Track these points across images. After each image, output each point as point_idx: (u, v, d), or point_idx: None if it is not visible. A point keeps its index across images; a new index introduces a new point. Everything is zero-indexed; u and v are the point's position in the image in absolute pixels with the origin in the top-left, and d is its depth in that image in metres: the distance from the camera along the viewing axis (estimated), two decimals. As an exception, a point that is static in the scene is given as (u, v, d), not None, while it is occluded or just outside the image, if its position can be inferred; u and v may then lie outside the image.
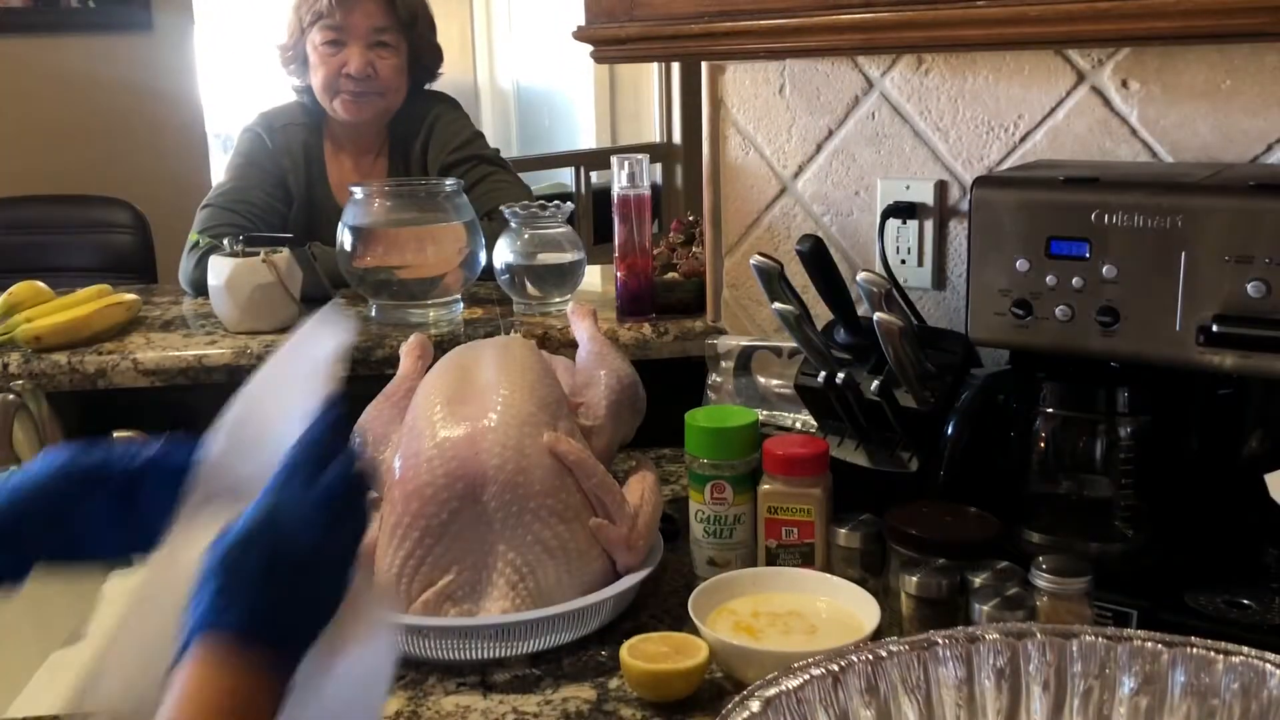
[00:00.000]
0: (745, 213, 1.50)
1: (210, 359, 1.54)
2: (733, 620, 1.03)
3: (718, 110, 1.49)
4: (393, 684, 1.01)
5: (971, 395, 1.12)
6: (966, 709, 0.78)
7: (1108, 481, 1.07)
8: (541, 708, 0.97)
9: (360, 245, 1.65)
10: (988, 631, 0.80)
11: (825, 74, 1.38)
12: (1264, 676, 0.74)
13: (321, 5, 1.99)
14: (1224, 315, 0.93)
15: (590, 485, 1.08)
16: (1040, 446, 1.10)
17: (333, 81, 2.01)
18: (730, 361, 1.43)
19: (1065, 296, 1.00)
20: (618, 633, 1.05)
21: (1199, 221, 0.93)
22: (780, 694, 0.75)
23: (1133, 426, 1.06)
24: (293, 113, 2.10)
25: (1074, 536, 1.08)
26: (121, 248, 2.63)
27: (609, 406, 1.20)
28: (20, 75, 3.25)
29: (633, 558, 1.09)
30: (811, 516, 1.11)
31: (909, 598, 0.98)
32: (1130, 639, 0.78)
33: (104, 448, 0.76)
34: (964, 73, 1.27)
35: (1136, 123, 1.17)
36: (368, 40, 2.00)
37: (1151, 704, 0.76)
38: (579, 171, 4.48)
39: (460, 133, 2.10)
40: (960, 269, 1.30)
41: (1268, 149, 1.10)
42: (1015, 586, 0.95)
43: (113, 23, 3.38)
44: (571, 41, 1.32)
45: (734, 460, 1.14)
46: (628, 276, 1.57)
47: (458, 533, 1.04)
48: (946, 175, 1.31)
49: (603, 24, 1.28)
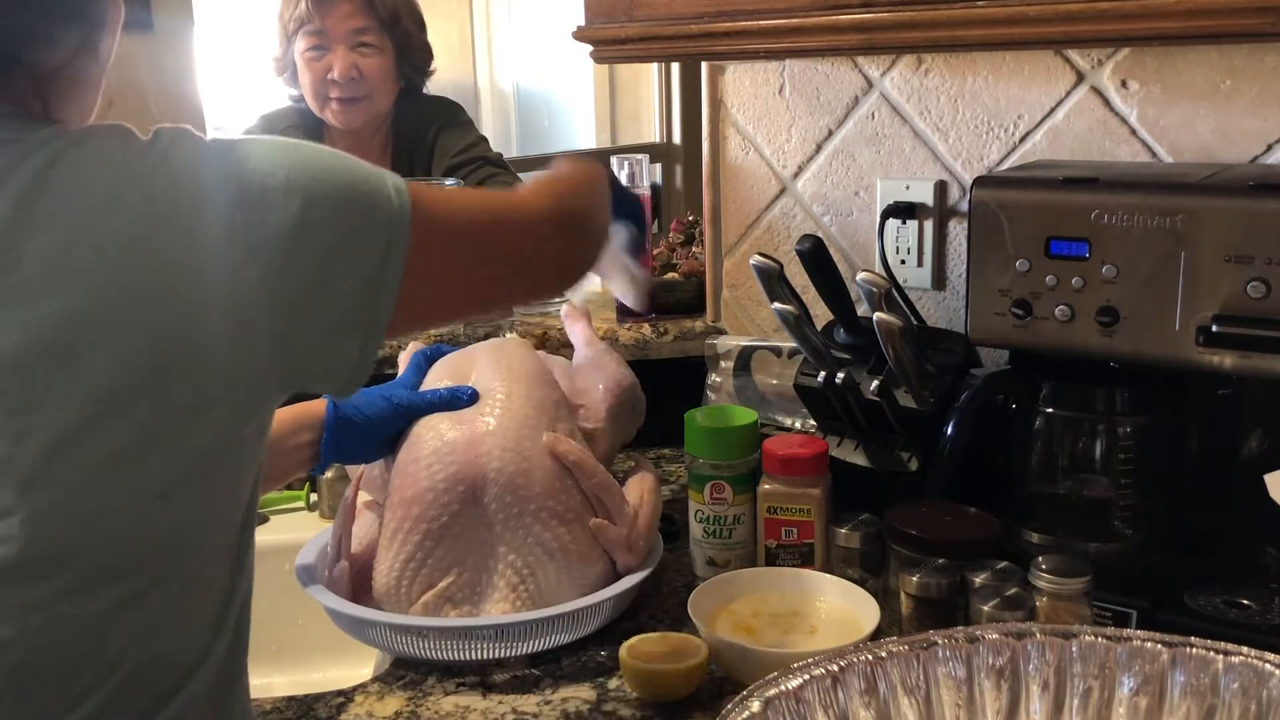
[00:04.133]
0: (745, 213, 1.50)
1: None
2: (732, 620, 1.03)
3: (718, 110, 1.49)
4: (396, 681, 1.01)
5: (971, 395, 1.12)
6: (966, 709, 0.78)
7: (1107, 481, 1.07)
8: (541, 708, 0.97)
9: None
10: (987, 631, 0.80)
11: (825, 74, 1.38)
12: (1264, 676, 0.74)
13: (301, 11, 1.99)
14: (1223, 315, 0.93)
15: (590, 485, 1.08)
16: (1040, 446, 1.10)
17: (320, 88, 2.00)
18: (730, 361, 1.43)
19: (1065, 296, 1.00)
20: (617, 633, 1.05)
21: (1199, 221, 0.93)
22: (780, 694, 0.75)
23: (1132, 426, 1.06)
24: (292, 116, 2.10)
25: (1073, 536, 1.08)
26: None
27: (609, 410, 1.20)
28: (20, 75, 3.24)
29: (633, 558, 1.09)
30: (811, 516, 1.11)
31: (908, 598, 0.98)
32: (1130, 639, 0.78)
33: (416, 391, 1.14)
34: (964, 73, 1.27)
35: (1136, 123, 1.17)
36: (350, 43, 1.99)
37: (1151, 704, 0.76)
38: (579, 172, 4.47)
39: (464, 137, 2.10)
40: (960, 269, 1.30)
41: (1267, 149, 1.10)
42: (1015, 586, 0.95)
43: (112, 23, 3.37)
44: (571, 42, 1.32)
45: (734, 460, 1.14)
46: (628, 276, 1.57)
47: (458, 535, 1.04)
48: (946, 175, 1.31)
49: (603, 24, 1.28)
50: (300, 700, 1.00)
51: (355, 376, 0.75)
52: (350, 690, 1.01)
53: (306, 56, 2.00)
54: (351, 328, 0.73)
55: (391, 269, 0.73)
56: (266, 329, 0.70)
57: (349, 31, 1.99)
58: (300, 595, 1.07)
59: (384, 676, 1.03)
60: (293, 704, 0.99)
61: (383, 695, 1.00)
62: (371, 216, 0.73)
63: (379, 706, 0.98)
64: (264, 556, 1.35)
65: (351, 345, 0.73)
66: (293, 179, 0.71)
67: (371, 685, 1.02)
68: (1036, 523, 1.10)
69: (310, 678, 1.30)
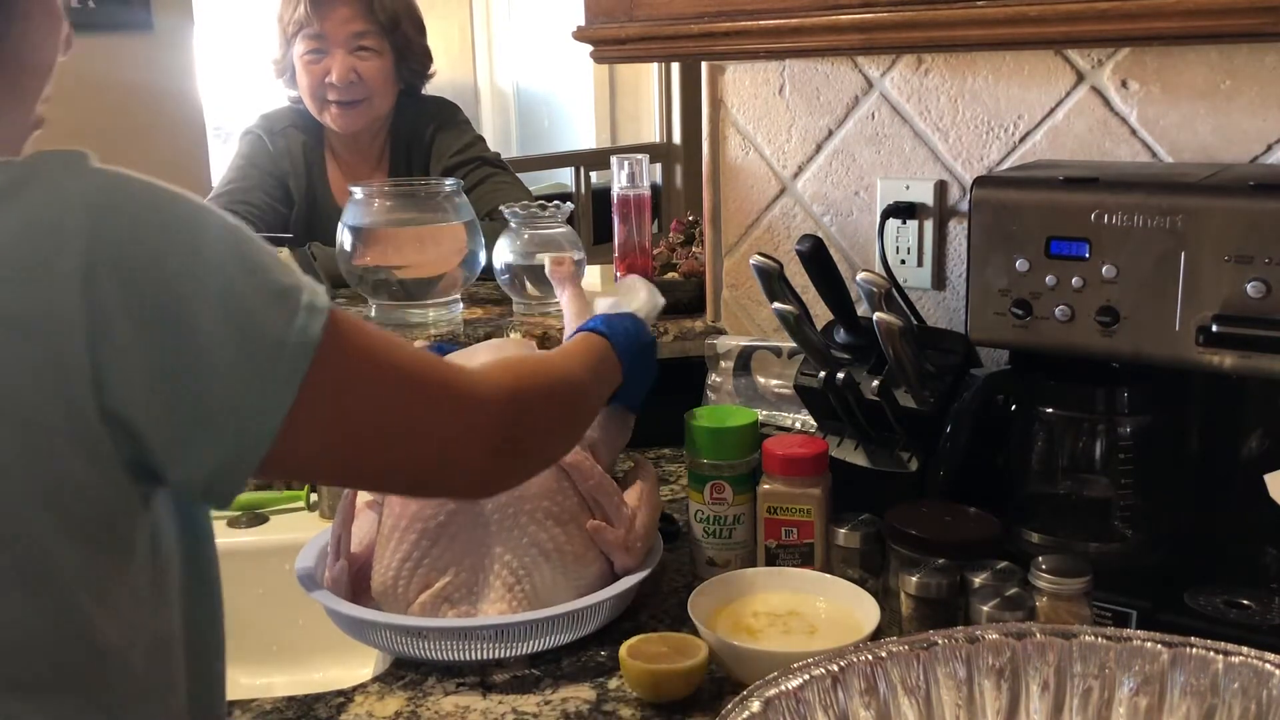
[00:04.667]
0: (745, 213, 1.50)
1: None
2: (732, 620, 1.03)
3: (718, 110, 1.49)
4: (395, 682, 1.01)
5: (971, 395, 1.12)
6: (966, 709, 0.78)
7: (1107, 481, 1.07)
8: (541, 708, 0.97)
9: (360, 245, 1.65)
10: (987, 631, 0.80)
11: (825, 74, 1.38)
12: (1264, 676, 0.74)
13: (300, 14, 1.98)
14: (1224, 315, 0.93)
15: (587, 487, 1.08)
16: (1040, 446, 1.10)
17: (318, 91, 2.00)
18: (730, 361, 1.43)
19: (1065, 296, 1.00)
20: (617, 633, 1.05)
21: (1199, 221, 0.93)
22: (780, 694, 0.75)
23: (1132, 426, 1.06)
24: (293, 116, 2.10)
25: (1073, 536, 1.08)
26: (121, 248, 2.63)
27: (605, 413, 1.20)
28: (20, 75, 3.24)
29: (630, 559, 1.09)
30: (811, 516, 1.11)
31: (908, 598, 0.98)
32: (1130, 639, 0.78)
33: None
34: (964, 73, 1.27)
35: (1136, 123, 1.17)
36: (348, 47, 1.99)
37: (1151, 704, 0.76)
38: (579, 172, 4.48)
39: (461, 137, 2.10)
40: (960, 269, 1.30)
41: (1267, 149, 1.10)
42: (1015, 586, 0.95)
43: (113, 23, 3.37)
44: (571, 42, 1.32)
45: (734, 460, 1.14)
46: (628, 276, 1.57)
47: (454, 535, 1.04)
48: (946, 175, 1.31)
49: (602, 24, 1.28)
50: (300, 700, 0.99)
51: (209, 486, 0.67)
52: (350, 690, 1.01)
53: (305, 59, 2.00)
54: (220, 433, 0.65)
55: (282, 391, 0.65)
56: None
57: (348, 35, 1.99)
58: (300, 595, 1.06)
59: (384, 676, 1.03)
60: (293, 704, 0.99)
61: (383, 695, 1.00)
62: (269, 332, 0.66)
63: (379, 706, 0.98)
64: (264, 556, 1.37)
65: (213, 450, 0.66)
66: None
67: (371, 685, 1.02)
68: (1036, 523, 1.09)
69: (310, 678, 1.30)
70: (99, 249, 0.61)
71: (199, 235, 0.65)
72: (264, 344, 0.65)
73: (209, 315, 0.63)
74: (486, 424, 0.76)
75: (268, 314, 0.65)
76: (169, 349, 0.63)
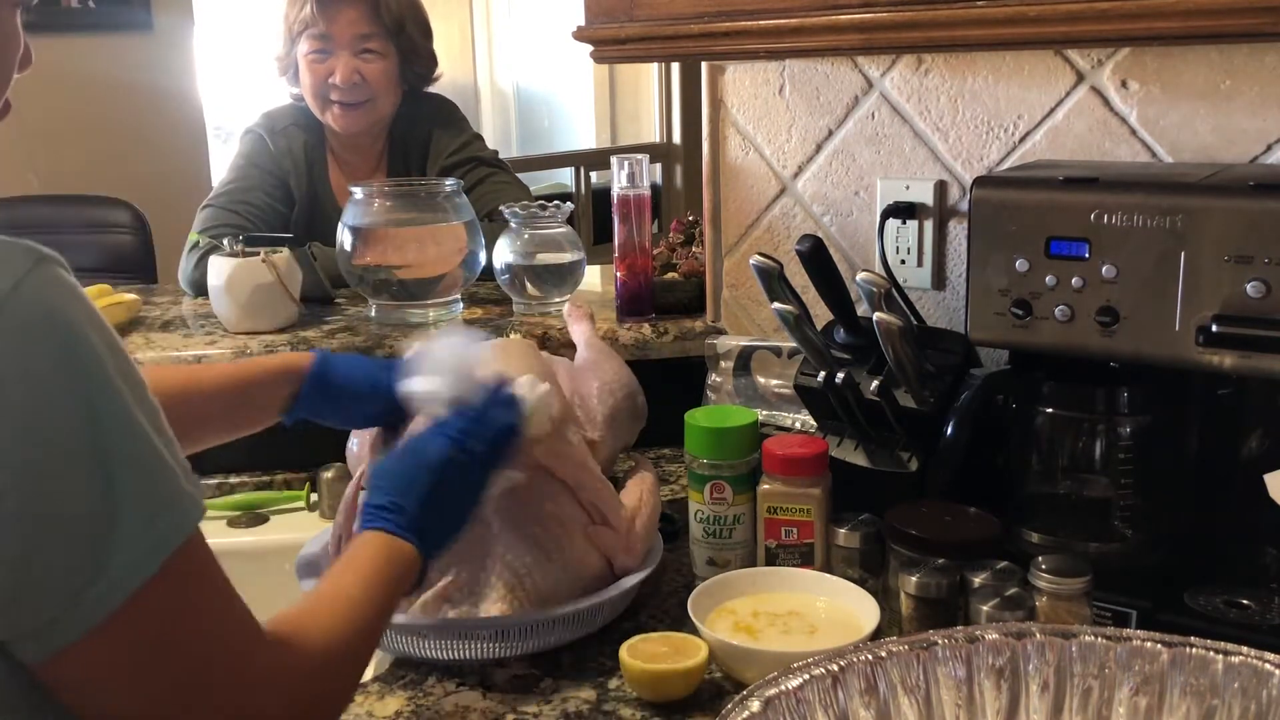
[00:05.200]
0: (745, 213, 1.50)
1: (210, 359, 1.54)
2: (732, 620, 1.03)
3: (718, 110, 1.49)
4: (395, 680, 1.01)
5: (971, 395, 1.12)
6: (966, 709, 0.78)
7: (1107, 481, 1.07)
8: (541, 708, 0.97)
9: (360, 245, 1.65)
10: (987, 631, 0.80)
11: (825, 74, 1.38)
12: (1264, 676, 0.74)
13: (306, 14, 1.98)
14: (1223, 315, 0.93)
15: (584, 497, 1.08)
16: (1040, 446, 1.10)
17: (321, 90, 2.00)
18: (730, 361, 1.43)
19: (1065, 296, 1.00)
20: (617, 633, 1.05)
21: (1199, 221, 0.93)
22: (780, 694, 0.75)
23: (1132, 426, 1.06)
24: (294, 114, 2.10)
25: (1073, 536, 1.08)
26: (121, 248, 2.63)
27: (607, 417, 1.20)
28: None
29: (630, 561, 1.09)
30: (811, 516, 1.11)
31: (908, 597, 0.98)
32: (1130, 639, 0.78)
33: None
34: (964, 73, 1.27)
35: (1136, 123, 1.17)
36: (354, 48, 1.99)
37: (1151, 704, 0.76)
38: (579, 171, 4.48)
39: (458, 136, 2.10)
40: (960, 269, 1.30)
41: (1267, 149, 1.10)
42: (1014, 586, 0.95)
43: (113, 23, 3.37)
44: (571, 41, 1.32)
45: (734, 460, 1.14)
46: (627, 276, 1.57)
47: (456, 533, 1.04)
48: (946, 175, 1.31)
49: (602, 24, 1.28)
50: (300, 700, 0.99)
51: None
52: (350, 690, 1.01)
53: (309, 59, 2.00)
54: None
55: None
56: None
57: (353, 37, 1.99)
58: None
59: (384, 676, 1.03)
60: (293, 704, 0.99)
61: (383, 695, 1.00)
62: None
63: (379, 706, 0.98)
64: (264, 556, 1.37)
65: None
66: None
67: (371, 685, 1.02)
68: (1036, 523, 1.10)
69: (310, 678, 1.30)
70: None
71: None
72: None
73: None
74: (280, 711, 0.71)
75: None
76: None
